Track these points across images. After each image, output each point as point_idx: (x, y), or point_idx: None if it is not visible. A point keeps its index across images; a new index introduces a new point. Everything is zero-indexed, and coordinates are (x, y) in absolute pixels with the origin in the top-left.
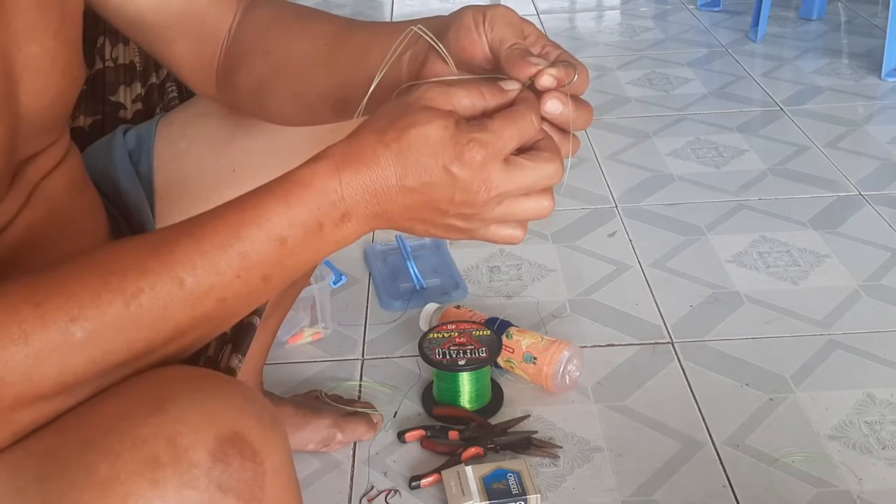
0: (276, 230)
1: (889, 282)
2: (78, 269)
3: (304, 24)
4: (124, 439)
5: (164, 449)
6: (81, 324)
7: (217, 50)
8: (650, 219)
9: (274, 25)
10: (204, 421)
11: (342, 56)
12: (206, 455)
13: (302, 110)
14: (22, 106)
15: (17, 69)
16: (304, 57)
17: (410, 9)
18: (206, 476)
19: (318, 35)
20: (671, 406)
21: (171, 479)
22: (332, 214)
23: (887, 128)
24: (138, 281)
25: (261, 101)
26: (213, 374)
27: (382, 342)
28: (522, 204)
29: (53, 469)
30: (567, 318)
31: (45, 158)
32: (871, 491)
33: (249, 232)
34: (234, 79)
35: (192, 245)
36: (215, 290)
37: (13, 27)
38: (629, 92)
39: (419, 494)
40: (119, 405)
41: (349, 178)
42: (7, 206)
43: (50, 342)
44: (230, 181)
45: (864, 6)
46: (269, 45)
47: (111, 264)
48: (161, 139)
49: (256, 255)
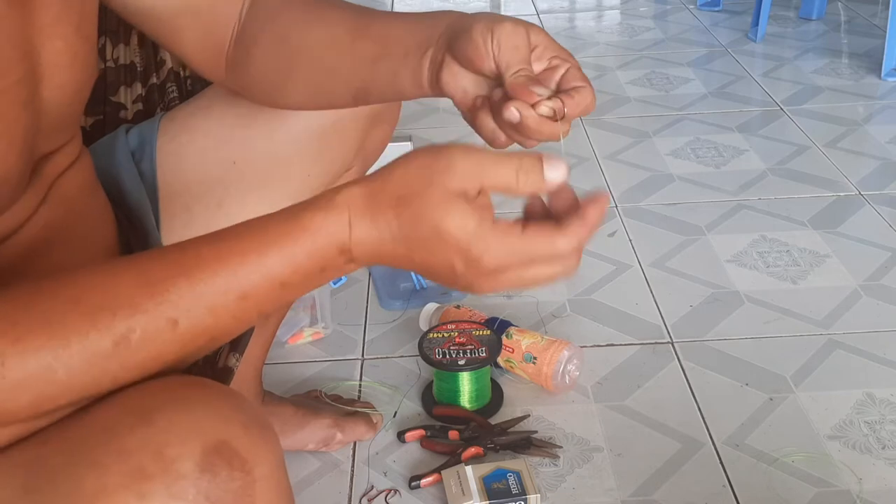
0: (278, 277)
1: (889, 282)
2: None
3: (321, 10)
4: (110, 451)
5: (150, 461)
6: (66, 362)
7: (227, 35)
8: (650, 219)
9: (288, 9)
10: (190, 431)
11: (362, 47)
12: (194, 466)
13: (320, 96)
14: (44, 102)
15: (42, 64)
16: (324, 45)
17: (410, 9)
18: (194, 487)
19: (337, 22)
20: (671, 406)
21: (159, 490)
22: (336, 260)
23: (887, 128)
24: (129, 320)
25: (275, 87)
26: (200, 382)
27: (382, 342)
28: (533, 272)
29: (40, 481)
30: (567, 317)
31: (62, 156)
32: (871, 491)
33: (250, 278)
34: (246, 64)
35: (188, 287)
36: (209, 331)
37: (39, 22)
38: (629, 92)
39: (419, 494)
40: (105, 416)
41: (359, 236)
42: (26, 203)
43: (29, 378)
44: (231, 173)
45: (864, 6)
46: (285, 31)
47: (102, 300)
48: (163, 135)
49: (255, 297)
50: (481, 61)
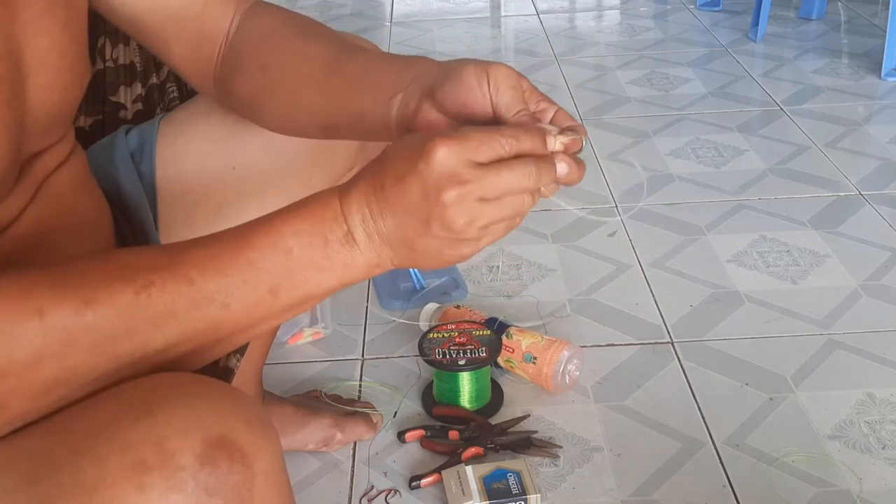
0: (282, 240)
1: (889, 282)
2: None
3: (301, 44)
4: (112, 443)
5: (151, 453)
6: (93, 307)
7: (215, 51)
8: (650, 219)
9: (272, 39)
10: (192, 425)
11: (335, 85)
12: (194, 459)
13: (293, 127)
14: (30, 101)
15: (26, 61)
16: (299, 78)
17: (410, 8)
18: (193, 479)
19: (314, 58)
20: (671, 406)
21: (158, 482)
22: (335, 229)
23: (887, 128)
24: (150, 274)
25: (255, 112)
26: (202, 378)
27: (382, 342)
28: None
29: (42, 471)
30: (567, 317)
31: (51, 156)
32: (871, 491)
33: (257, 241)
34: (229, 86)
35: (202, 251)
36: (221, 292)
37: (22, 17)
38: (629, 92)
39: (419, 494)
40: (108, 409)
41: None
42: (14, 201)
43: (62, 320)
44: (230, 178)
45: (864, 6)
46: (266, 60)
47: (125, 261)
48: (163, 138)
49: (263, 262)
50: (476, 104)
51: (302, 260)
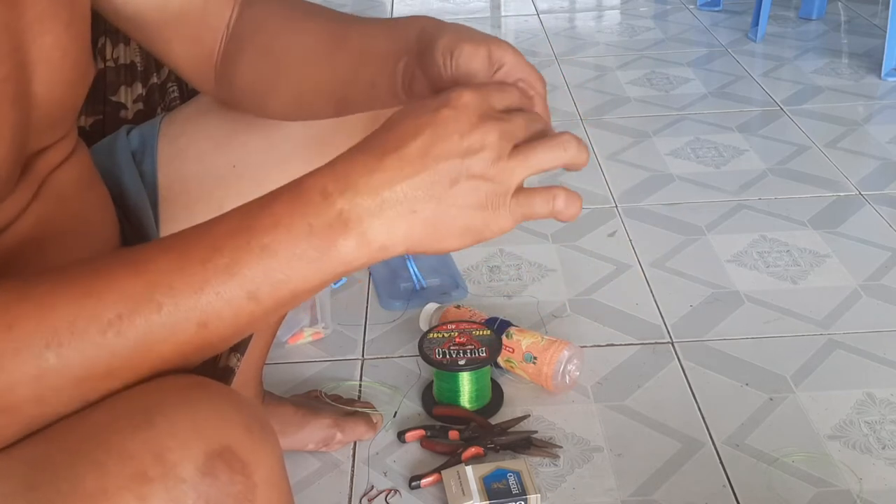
0: (255, 238)
1: (889, 282)
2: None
3: (301, 23)
4: (112, 453)
5: (151, 464)
6: (55, 350)
7: (215, 46)
8: (650, 219)
9: (272, 22)
10: (192, 434)
11: (341, 58)
12: (195, 470)
13: (303, 108)
14: (34, 98)
15: (31, 60)
16: (304, 56)
17: (410, 9)
18: (195, 491)
19: (316, 34)
20: (671, 406)
21: (159, 494)
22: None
23: (887, 127)
24: (117, 305)
25: (260, 99)
26: (202, 381)
27: (382, 342)
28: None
29: (41, 478)
30: (567, 317)
31: (55, 153)
32: (871, 491)
33: (228, 241)
34: (232, 75)
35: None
36: (194, 311)
37: (28, 17)
38: (629, 92)
39: (419, 494)
40: (108, 415)
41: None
42: (17, 198)
43: (22, 366)
44: (230, 178)
45: (864, 6)
46: (268, 43)
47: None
48: (164, 137)
49: (236, 267)
50: (442, 83)
51: (281, 255)
